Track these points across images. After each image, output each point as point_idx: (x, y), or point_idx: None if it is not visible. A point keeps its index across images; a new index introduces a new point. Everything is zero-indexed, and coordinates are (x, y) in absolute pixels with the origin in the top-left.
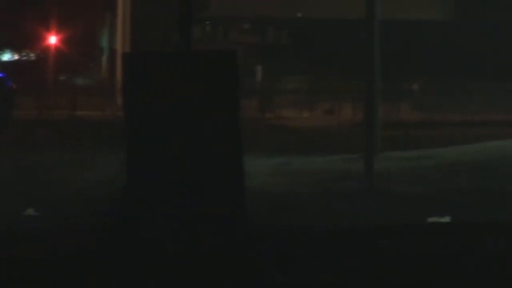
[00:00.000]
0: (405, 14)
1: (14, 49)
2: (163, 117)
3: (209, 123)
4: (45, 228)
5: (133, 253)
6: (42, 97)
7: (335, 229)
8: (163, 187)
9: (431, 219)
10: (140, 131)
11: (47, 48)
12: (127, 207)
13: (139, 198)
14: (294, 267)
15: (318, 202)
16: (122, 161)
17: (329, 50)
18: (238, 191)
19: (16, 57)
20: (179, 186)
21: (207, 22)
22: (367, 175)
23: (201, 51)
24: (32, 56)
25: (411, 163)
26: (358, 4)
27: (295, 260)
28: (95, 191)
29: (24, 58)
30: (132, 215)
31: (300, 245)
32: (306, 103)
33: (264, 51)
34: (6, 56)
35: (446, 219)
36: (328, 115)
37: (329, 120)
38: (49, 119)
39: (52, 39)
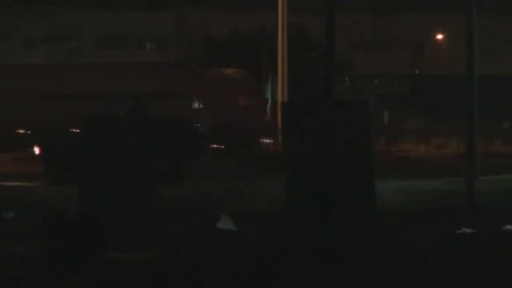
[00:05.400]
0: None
1: None
2: (312, 151)
3: (348, 157)
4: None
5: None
6: None
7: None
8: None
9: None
10: (295, 162)
11: None
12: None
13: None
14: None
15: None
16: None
17: (440, 99)
18: (369, 207)
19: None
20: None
21: (347, 78)
22: (469, 194)
23: (340, 101)
24: None
25: (503, 184)
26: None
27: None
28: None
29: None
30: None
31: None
32: (421, 139)
33: (390, 100)
34: None
35: None
36: (439, 148)
37: (439, 153)
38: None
39: None
